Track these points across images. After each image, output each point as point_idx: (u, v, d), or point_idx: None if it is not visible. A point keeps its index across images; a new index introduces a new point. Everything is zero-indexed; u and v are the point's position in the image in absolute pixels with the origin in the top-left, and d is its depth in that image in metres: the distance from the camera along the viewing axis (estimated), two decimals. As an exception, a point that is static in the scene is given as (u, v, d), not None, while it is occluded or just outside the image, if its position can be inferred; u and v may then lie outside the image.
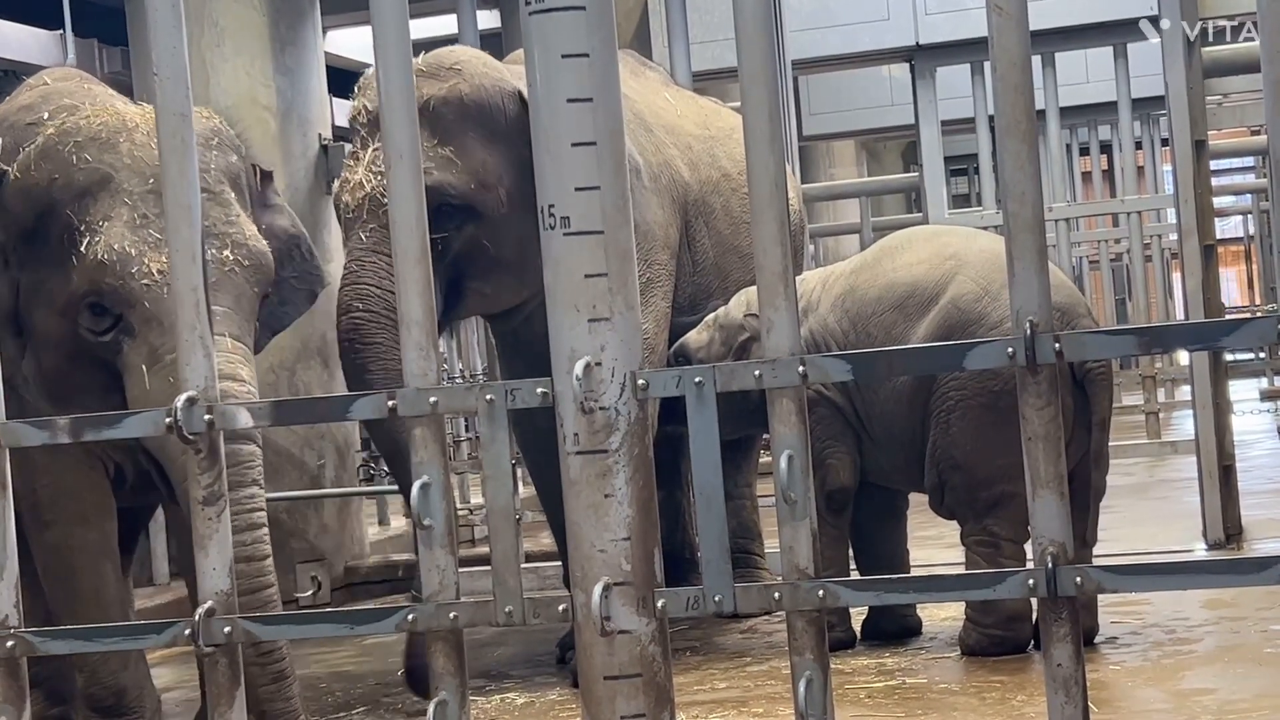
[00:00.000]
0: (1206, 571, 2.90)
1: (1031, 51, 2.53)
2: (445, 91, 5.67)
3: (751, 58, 2.60)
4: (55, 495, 4.91)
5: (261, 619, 2.96)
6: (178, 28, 2.86)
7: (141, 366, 4.50)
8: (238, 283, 4.68)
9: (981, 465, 5.53)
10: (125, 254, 4.50)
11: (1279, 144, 2.42)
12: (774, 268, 2.59)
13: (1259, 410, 15.06)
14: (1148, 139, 16.67)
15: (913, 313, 5.69)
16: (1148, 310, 13.50)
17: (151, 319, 4.51)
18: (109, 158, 4.62)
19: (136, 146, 4.63)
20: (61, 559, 4.97)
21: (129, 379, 4.55)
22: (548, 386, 2.65)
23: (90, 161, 4.61)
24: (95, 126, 4.67)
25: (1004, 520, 5.51)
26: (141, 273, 4.52)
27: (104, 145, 4.63)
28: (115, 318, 4.56)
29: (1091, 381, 5.46)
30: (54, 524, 4.95)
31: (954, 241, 5.91)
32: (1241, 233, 26.58)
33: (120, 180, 4.60)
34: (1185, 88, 7.47)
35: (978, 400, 5.50)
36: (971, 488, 5.59)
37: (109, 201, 4.57)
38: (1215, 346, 5.45)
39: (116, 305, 4.54)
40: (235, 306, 4.64)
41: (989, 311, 5.53)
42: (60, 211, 4.60)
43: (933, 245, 5.89)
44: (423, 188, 2.79)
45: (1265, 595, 5.75)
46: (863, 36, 12.14)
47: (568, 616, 2.66)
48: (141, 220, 4.56)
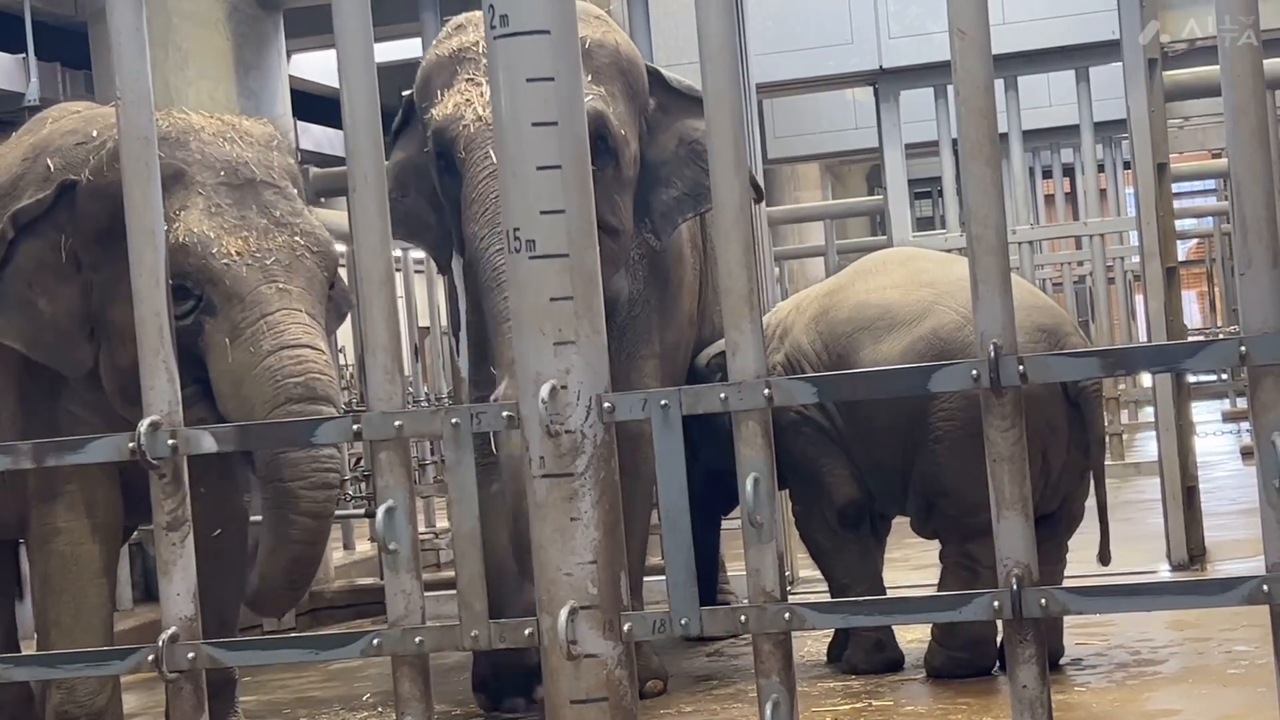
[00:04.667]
0: (1171, 593, 2.91)
1: (994, 75, 2.55)
2: (600, 35, 5.46)
3: (716, 81, 2.61)
4: (74, 505, 5.00)
5: (226, 644, 2.94)
6: (142, 52, 2.86)
7: (225, 341, 4.69)
8: (309, 266, 4.87)
9: (971, 493, 5.51)
10: (205, 236, 4.72)
11: (1239, 166, 2.44)
12: (739, 290, 2.60)
13: (1222, 431, 15.13)
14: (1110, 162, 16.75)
15: (881, 335, 5.67)
16: (1111, 332, 13.55)
17: (232, 295, 4.71)
18: (181, 154, 4.83)
19: (205, 144, 4.88)
20: (65, 570, 5.02)
21: (212, 356, 4.73)
22: (513, 410, 2.65)
23: (164, 158, 4.74)
24: (164, 128, 4.83)
25: (986, 547, 5.49)
26: (221, 252, 4.73)
27: (175, 143, 4.83)
28: (196, 299, 4.73)
29: (1087, 400, 5.45)
30: (65, 533, 5.02)
31: (930, 268, 5.89)
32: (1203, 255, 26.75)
33: (193, 174, 4.82)
34: (1147, 111, 7.51)
35: (966, 431, 5.46)
36: (959, 513, 5.57)
37: (184, 193, 4.78)
38: (1178, 368, 5.47)
39: (198, 284, 4.72)
40: (308, 288, 4.84)
41: (971, 341, 5.53)
42: None
43: (907, 270, 5.88)
44: (388, 212, 2.79)
45: (1229, 616, 5.76)
46: (827, 60, 12.17)
47: (533, 640, 2.65)
48: (215, 209, 4.79)
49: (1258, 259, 2.43)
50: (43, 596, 5.05)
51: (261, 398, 4.61)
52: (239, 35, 8.43)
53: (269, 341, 4.64)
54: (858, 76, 12.48)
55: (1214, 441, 13.94)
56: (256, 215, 4.81)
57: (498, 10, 2.62)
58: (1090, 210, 13.36)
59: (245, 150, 4.92)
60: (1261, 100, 2.45)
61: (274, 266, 4.74)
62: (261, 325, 4.66)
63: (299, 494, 4.66)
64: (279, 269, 4.75)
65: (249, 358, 4.62)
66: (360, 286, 2.78)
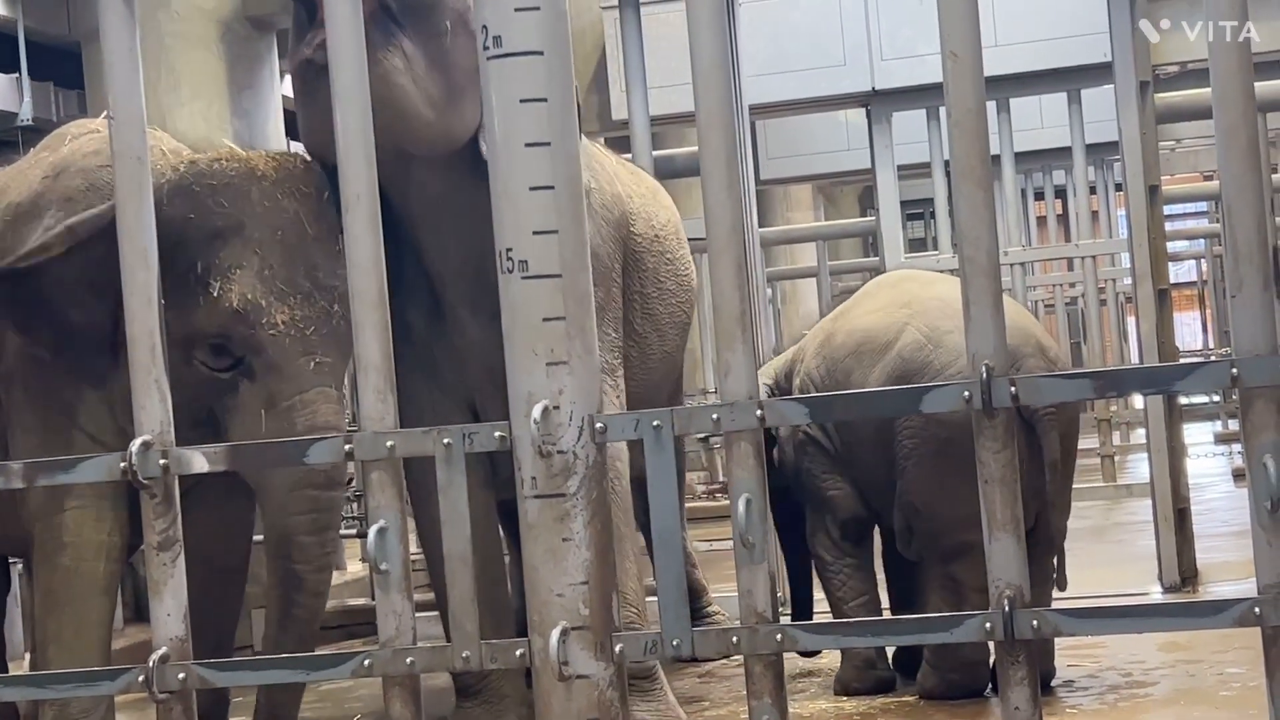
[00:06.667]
0: (1162, 614, 2.91)
1: (986, 97, 2.56)
2: None
3: (709, 102, 2.62)
4: (83, 521, 5.01)
5: (216, 665, 2.93)
6: (134, 72, 2.86)
7: (259, 410, 4.78)
8: (343, 334, 4.81)
9: (942, 512, 5.54)
10: (257, 305, 4.76)
11: (1231, 189, 2.45)
12: (731, 311, 2.60)
13: (1214, 453, 15.13)
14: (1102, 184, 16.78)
15: (865, 359, 5.77)
16: (1103, 354, 13.57)
17: (273, 367, 4.79)
18: (242, 204, 4.84)
19: (265, 195, 4.87)
20: (69, 585, 5.03)
21: (238, 417, 4.82)
22: (505, 430, 2.64)
23: (226, 207, 4.83)
24: (229, 171, 4.89)
25: (968, 568, 5.49)
26: (270, 323, 4.79)
27: (237, 192, 4.85)
28: (236, 360, 4.81)
29: (1039, 422, 5.46)
30: (71, 548, 5.02)
31: (913, 289, 5.96)
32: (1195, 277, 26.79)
33: (250, 230, 4.82)
34: (1139, 133, 7.53)
35: (928, 447, 5.52)
36: (933, 534, 5.59)
37: (240, 249, 4.80)
38: (1170, 391, 5.48)
39: (242, 350, 4.79)
40: (341, 358, 4.91)
41: (932, 359, 5.59)
42: (190, 249, 4.79)
43: (892, 293, 5.97)
44: (380, 231, 2.79)
45: (1221, 638, 5.76)
46: (819, 82, 12.17)
47: (525, 661, 2.65)
48: (269, 271, 4.82)
49: (1249, 281, 2.43)
50: (44, 611, 5.06)
51: (286, 476, 4.75)
52: (232, 55, 8.44)
53: (302, 421, 4.75)
54: (850, 98, 12.49)
55: (1206, 463, 13.94)
56: (303, 278, 4.84)
57: (491, 31, 2.62)
58: (1082, 232, 13.39)
59: (300, 204, 4.91)
60: (1252, 123, 2.45)
61: (314, 338, 4.81)
62: (297, 402, 4.78)
63: (306, 578, 4.89)
64: (318, 340, 4.82)
65: (278, 431, 4.70)
66: (353, 306, 2.77)
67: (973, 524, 5.39)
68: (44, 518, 5.01)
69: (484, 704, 5.44)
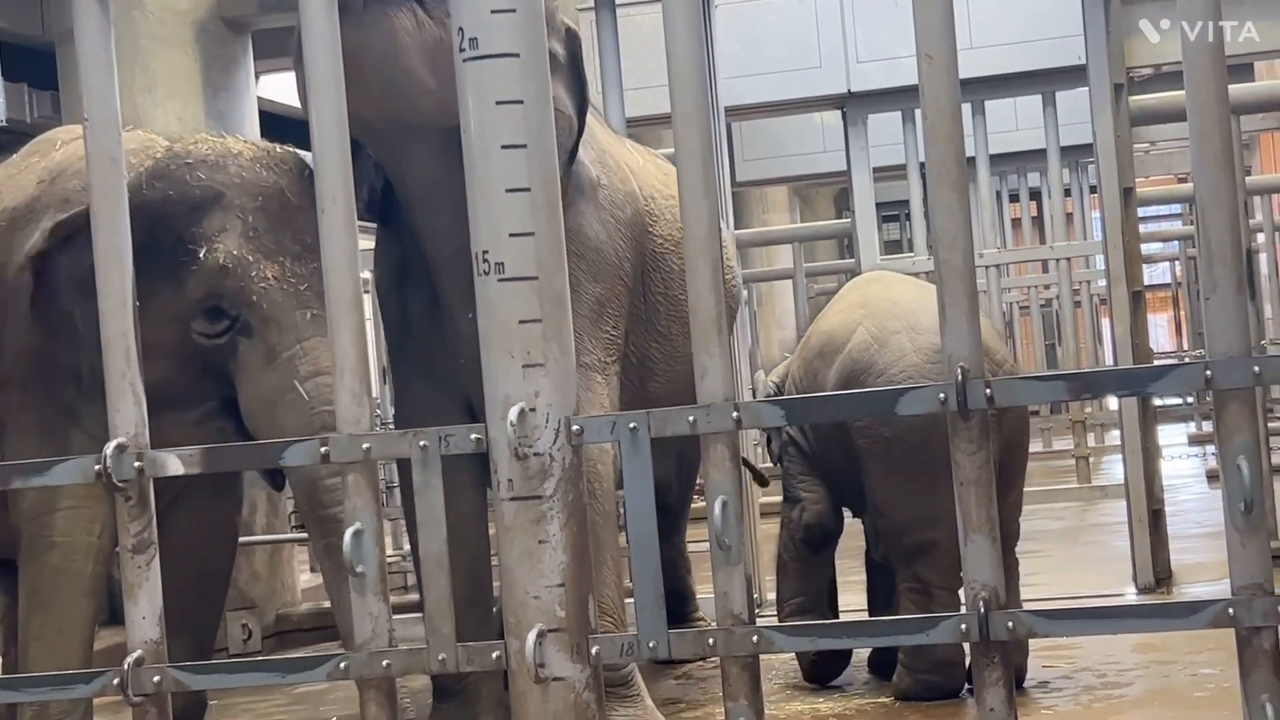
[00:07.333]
0: (1137, 616, 2.92)
1: (961, 99, 2.56)
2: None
3: (685, 104, 2.62)
4: (75, 521, 5.00)
5: (192, 667, 2.93)
6: (109, 73, 2.85)
7: (260, 363, 4.80)
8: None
9: (898, 512, 5.58)
10: (244, 259, 4.80)
11: (1204, 191, 2.46)
12: (708, 313, 2.60)
13: (1188, 454, 15.18)
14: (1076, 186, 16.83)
15: (827, 359, 5.87)
16: (1077, 355, 13.58)
17: (269, 319, 4.81)
18: (220, 177, 4.92)
19: (242, 169, 4.97)
20: (55, 584, 5.02)
21: (246, 376, 4.84)
22: (481, 433, 2.64)
23: (203, 180, 4.91)
24: (203, 150, 5.00)
25: (933, 567, 5.52)
26: (260, 276, 4.82)
27: (214, 166, 4.94)
28: (231, 320, 4.83)
29: None
30: (60, 549, 5.02)
31: (874, 290, 6.06)
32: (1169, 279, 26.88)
33: (231, 197, 4.89)
34: (1113, 136, 7.55)
35: (877, 447, 5.57)
36: (894, 534, 5.64)
37: (222, 216, 4.86)
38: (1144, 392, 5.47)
39: (235, 306, 4.81)
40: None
41: (876, 359, 5.65)
42: (173, 225, 4.86)
43: (855, 295, 6.10)
44: (356, 233, 2.79)
45: (1195, 639, 5.78)
46: (795, 84, 12.20)
47: (501, 664, 2.64)
48: (253, 233, 4.87)
49: (1223, 284, 2.44)
50: (29, 610, 5.04)
51: (296, 421, 4.71)
52: (207, 56, 8.41)
53: (305, 367, 4.75)
54: (826, 100, 12.53)
55: (1180, 464, 13.98)
56: (291, 241, 4.87)
57: (467, 33, 2.62)
58: (1057, 234, 13.42)
59: (280, 176, 4.98)
60: (1226, 126, 2.46)
61: (308, 293, 4.82)
62: (298, 350, 4.78)
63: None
64: (312, 295, 4.82)
65: (284, 381, 4.74)
66: (329, 308, 2.77)
67: (929, 523, 5.49)
68: (36, 517, 5.01)
69: (461, 705, 5.43)
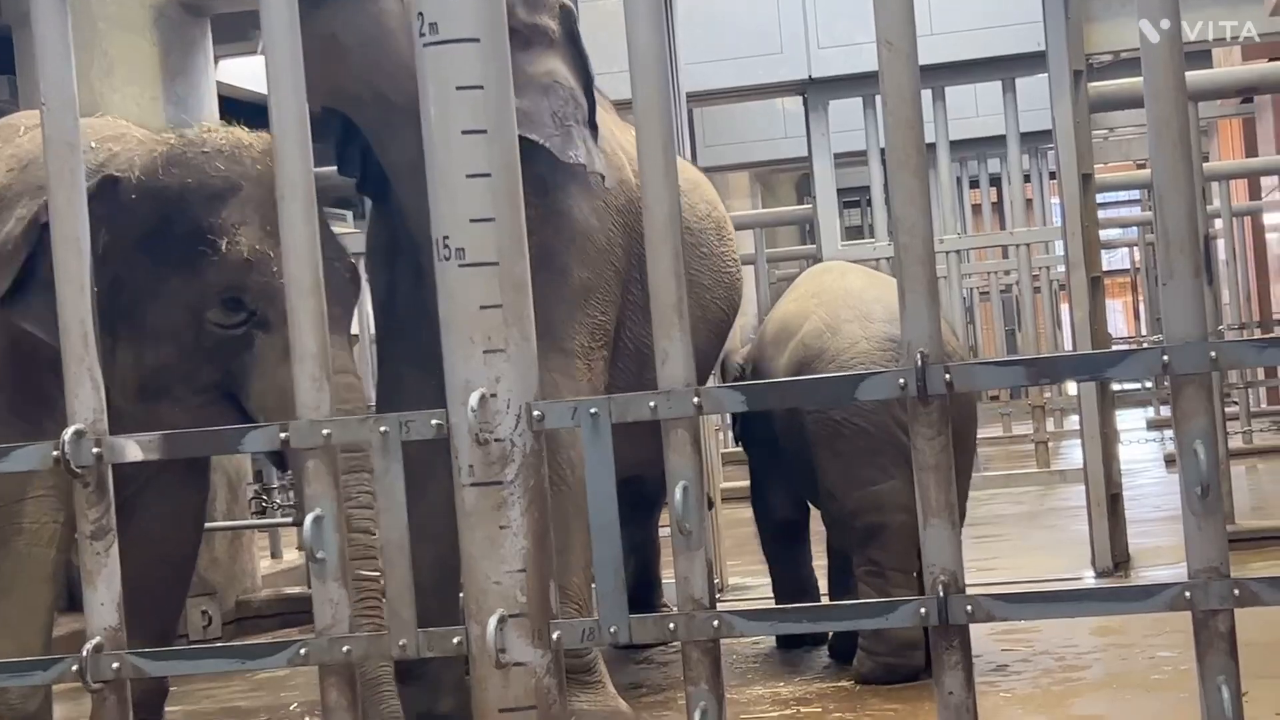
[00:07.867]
0: (1095, 599, 2.93)
1: (921, 86, 2.57)
2: None
3: (646, 90, 2.62)
4: (42, 508, 4.98)
5: (151, 654, 2.92)
6: (66, 57, 2.83)
7: (278, 360, 4.76)
8: (345, 289, 5.02)
9: (847, 496, 5.63)
10: (266, 255, 4.79)
11: (1162, 178, 2.47)
12: (668, 299, 2.60)
13: (1146, 439, 15.28)
14: (1036, 172, 16.91)
15: (780, 346, 5.93)
16: (1037, 341, 13.67)
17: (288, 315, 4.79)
18: (237, 169, 4.93)
19: (256, 161, 4.97)
20: (18, 569, 5.00)
21: (261, 368, 4.83)
22: (442, 418, 2.64)
23: (222, 170, 4.93)
24: (219, 140, 5.01)
25: (885, 550, 5.57)
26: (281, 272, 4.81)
27: (230, 158, 4.95)
28: (250, 313, 4.83)
29: None
30: (27, 534, 4.99)
31: (828, 280, 6.15)
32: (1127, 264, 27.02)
33: (249, 190, 4.90)
34: (1072, 122, 7.58)
35: (825, 430, 5.62)
36: (844, 518, 5.69)
37: (240, 208, 4.87)
38: (1102, 377, 5.52)
39: (256, 301, 4.81)
40: (345, 312, 5.02)
41: (828, 345, 5.70)
42: (190, 212, 4.86)
43: (810, 284, 6.20)
44: (316, 219, 2.78)
45: (1153, 622, 5.82)
46: (756, 70, 12.24)
47: (462, 649, 2.64)
48: (271, 228, 4.84)
49: (1179, 269, 2.45)
50: None
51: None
52: (165, 41, 8.36)
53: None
54: (787, 86, 12.56)
55: (1138, 449, 14.07)
56: None
57: (427, 18, 2.61)
58: (1016, 220, 13.50)
59: None
60: (1184, 112, 2.48)
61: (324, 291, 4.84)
62: None
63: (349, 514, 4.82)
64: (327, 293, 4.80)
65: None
66: (289, 293, 2.76)
67: (877, 506, 5.54)
68: (5, 504, 4.97)
69: (422, 690, 5.43)
